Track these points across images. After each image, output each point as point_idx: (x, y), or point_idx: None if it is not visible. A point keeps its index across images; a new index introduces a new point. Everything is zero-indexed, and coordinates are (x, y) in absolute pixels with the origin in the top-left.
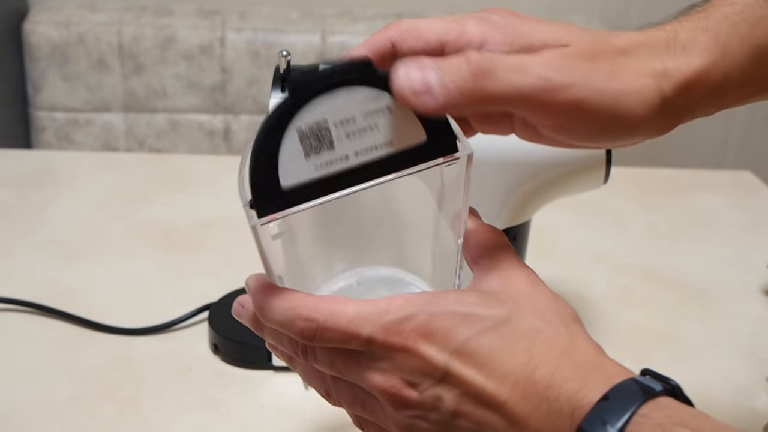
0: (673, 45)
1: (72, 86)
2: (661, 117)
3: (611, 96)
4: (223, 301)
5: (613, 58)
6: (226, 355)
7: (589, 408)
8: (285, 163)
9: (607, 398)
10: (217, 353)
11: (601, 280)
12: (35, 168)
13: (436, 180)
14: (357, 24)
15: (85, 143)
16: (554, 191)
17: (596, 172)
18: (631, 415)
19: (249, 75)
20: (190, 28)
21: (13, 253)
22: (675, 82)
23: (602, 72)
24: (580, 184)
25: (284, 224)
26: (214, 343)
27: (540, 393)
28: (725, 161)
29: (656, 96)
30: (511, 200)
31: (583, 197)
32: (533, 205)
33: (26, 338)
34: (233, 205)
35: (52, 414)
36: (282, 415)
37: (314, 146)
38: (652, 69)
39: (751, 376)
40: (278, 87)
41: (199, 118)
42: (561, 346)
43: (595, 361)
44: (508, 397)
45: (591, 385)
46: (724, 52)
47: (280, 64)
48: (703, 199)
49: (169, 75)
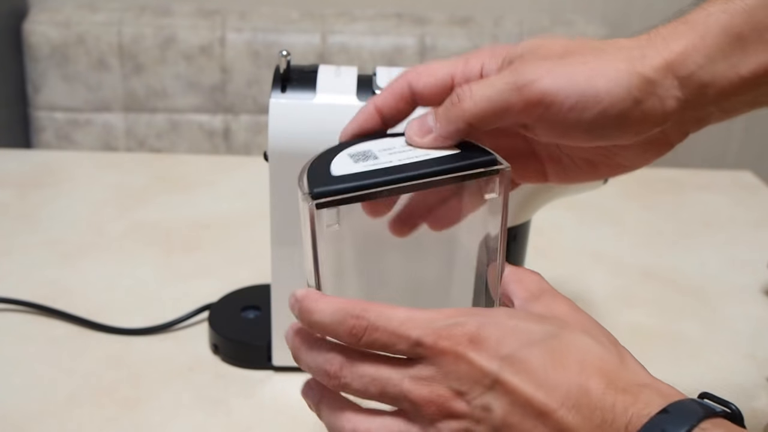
0: (654, 38)
1: (72, 86)
2: (644, 97)
3: (581, 80)
4: (223, 301)
5: (585, 54)
6: (226, 355)
7: (647, 419)
8: (337, 165)
9: (666, 411)
10: (217, 353)
11: (601, 280)
12: (35, 168)
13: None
14: (357, 24)
15: (85, 143)
16: (554, 191)
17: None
18: (690, 427)
19: (249, 75)
20: (190, 28)
21: (12, 253)
22: (653, 63)
23: (570, 65)
24: (579, 185)
25: (337, 216)
26: (214, 343)
27: (593, 403)
28: (725, 161)
29: (630, 75)
30: (511, 201)
31: (583, 197)
32: (533, 205)
33: (26, 338)
34: (233, 205)
35: (52, 414)
36: (282, 415)
37: (361, 158)
38: (629, 55)
39: (751, 376)
40: (278, 87)
41: (199, 118)
42: (613, 363)
43: (649, 380)
44: (558, 407)
45: (648, 400)
46: (704, 36)
47: (280, 64)
48: (703, 199)
49: (169, 75)
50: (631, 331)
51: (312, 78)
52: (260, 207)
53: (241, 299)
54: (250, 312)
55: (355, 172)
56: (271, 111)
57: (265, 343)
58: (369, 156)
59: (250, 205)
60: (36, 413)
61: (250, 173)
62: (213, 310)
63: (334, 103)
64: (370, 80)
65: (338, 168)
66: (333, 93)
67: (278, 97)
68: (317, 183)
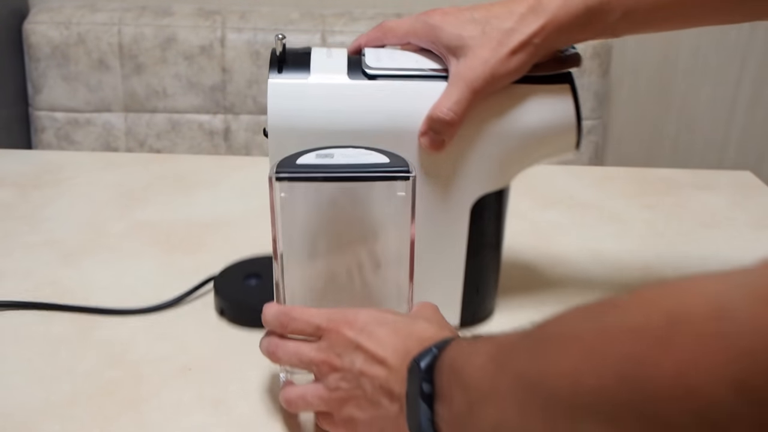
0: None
1: (72, 86)
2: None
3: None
4: (225, 272)
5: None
6: (232, 318)
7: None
8: (303, 159)
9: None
10: (223, 316)
11: (601, 280)
12: (35, 168)
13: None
14: (357, 24)
15: (85, 143)
16: (526, 157)
17: (567, 137)
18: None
19: (249, 75)
20: (190, 28)
21: (13, 253)
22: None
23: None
24: (553, 151)
25: (289, 188)
26: (221, 307)
27: (409, 355)
28: (725, 161)
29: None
30: (485, 164)
31: (583, 197)
32: (512, 169)
33: (26, 338)
34: (233, 205)
35: (52, 414)
36: (282, 414)
37: (323, 157)
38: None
39: None
40: (275, 68)
41: (199, 118)
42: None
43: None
44: (390, 357)
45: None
46: None
47: (276, 47)
48: (703, 199)
49: (169, 75)
50: None
51: (306, 59)
52: (260, 207)
53: (243, 269)
54: (252, 279)
55: (311, 164)
56: (269, 90)
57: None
58: (329, 156)
59: (250, 205)
60: (36, 413)
61: (250, 173)
62: (217, 280)
63: (326, 82)
64: (360, 60)
65: (303, 160)
66: (325, 73)
67: (275, 78)
68: (282, 165)
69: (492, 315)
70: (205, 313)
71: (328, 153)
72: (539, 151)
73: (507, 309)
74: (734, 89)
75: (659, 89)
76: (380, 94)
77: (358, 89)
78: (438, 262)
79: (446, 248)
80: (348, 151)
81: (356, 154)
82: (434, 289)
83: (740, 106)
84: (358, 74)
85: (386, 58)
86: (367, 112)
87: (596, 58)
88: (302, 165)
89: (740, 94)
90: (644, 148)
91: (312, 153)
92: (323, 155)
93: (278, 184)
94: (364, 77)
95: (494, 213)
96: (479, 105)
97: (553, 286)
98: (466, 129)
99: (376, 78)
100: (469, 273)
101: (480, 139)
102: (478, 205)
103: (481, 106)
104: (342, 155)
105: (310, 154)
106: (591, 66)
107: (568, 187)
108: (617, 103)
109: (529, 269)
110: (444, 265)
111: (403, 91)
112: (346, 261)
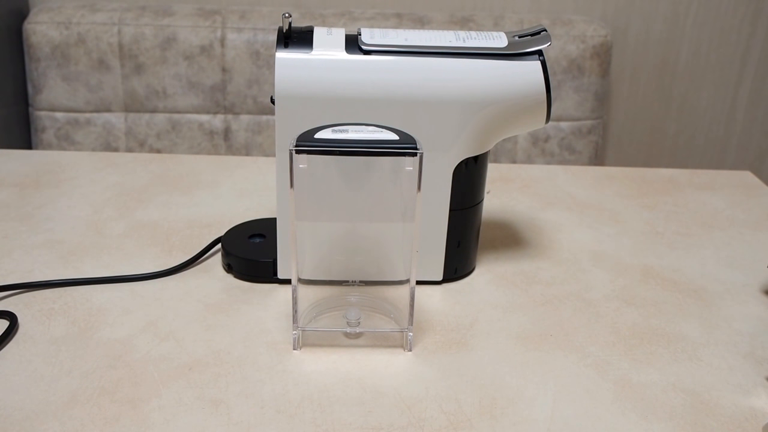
0: None
1: (72, 86)
2: None
3: None
4: (231, 232)
5: None
6: (239, 272)
7: None
8: (320, 134)
9: None
10: (230, 272)
11: (601, 280)
12: (35, 168)
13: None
14: (357, 24)
15: (85, 143)
16: (503, 126)
17: (537, 111)
18: None
19: (249, 75)
20: (190, 28)
21: (13, 253)
22: None
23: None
24: (524, 122)
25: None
26: (228, 263)
27: None
28: (725, 161)
29: None
30: (466, 132)
31: (583, 197)
32: (488, 138)
33: (26, 338)
34: (233, 205)
35: (52, 414)
36: (282, 415)
37: (338, 131)
38: None
39: (750, 376)
40: (282, 44)
41: (199, 118)
42: None
43: None
44: None
45: None
46: None
47: (282, 25)
48: (703, 199)
49: (169, 75)
50: (631, 331)
51: (309, 37)
52: (260, 207)
53: (247, 230)
54: (256, 238)
55: (327, 138)
56: (276, 63)
57: (272, 260)
58: (344, 131)
59: (250, 205)
60: (36, 413)
61: (250, 173)
62: (224, 239)
63: (327, 57)
64: (356, 38)
65: (320, 135)
66: (326, 48)
67: (282, 52)
68: (301, 139)
69: (473, 271)
70: (214, 270)
71: (343, 129)
72: (513, 123)
73: (486, 266)
74: (734, 89)
75: (659, 89)
76: (374, 67)
77: (354, 63)
78: (424, 221)
79: (431, 207)
80: (361, 127)
81: (369, 131)
82: (421, 245)
83: (740, 106)
84: (355, 50)
85: (380, 36)
86: (363, 84)
87: (596, 58)
88: (319, 139)
89: (740, 94)
90: (644, 148)
91: (328, 129)
92: (339, 130)
93: (298, 156)
94: (360, 52)
95: (473, 175)
96: (458, 81)
97: (552, 286)
98: (445, 102)
99: (371, 53)
100: (451, 229)
101: (459, 111)
102: (458, 169)
103: (461, 82)
104: (355, 131)
105: (327, 129)
106: (591, 66)
107: (568, 187)
108: (617, 103)
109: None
110: (429, 223)
111: (394, 64)
112: (355, 225)
